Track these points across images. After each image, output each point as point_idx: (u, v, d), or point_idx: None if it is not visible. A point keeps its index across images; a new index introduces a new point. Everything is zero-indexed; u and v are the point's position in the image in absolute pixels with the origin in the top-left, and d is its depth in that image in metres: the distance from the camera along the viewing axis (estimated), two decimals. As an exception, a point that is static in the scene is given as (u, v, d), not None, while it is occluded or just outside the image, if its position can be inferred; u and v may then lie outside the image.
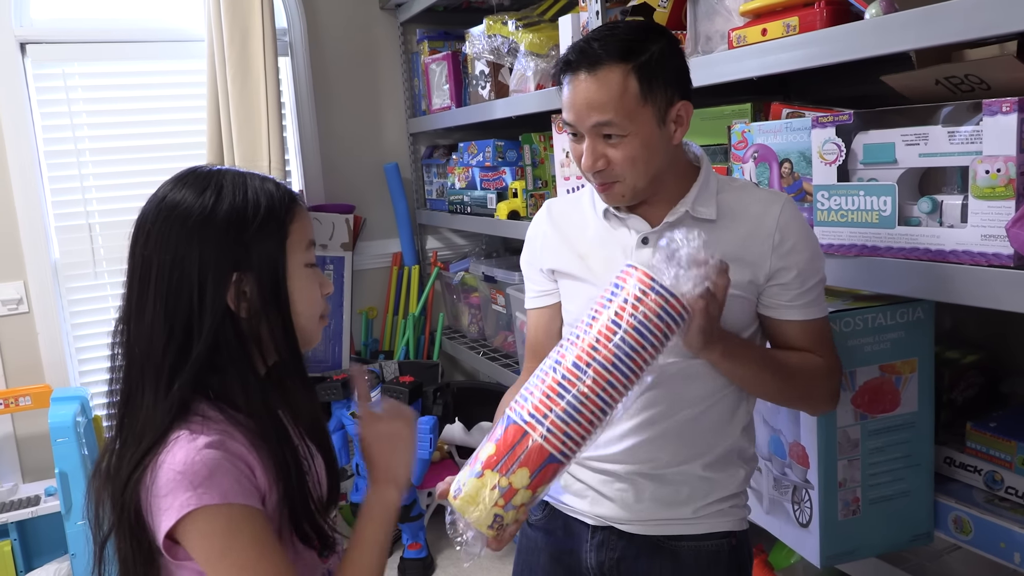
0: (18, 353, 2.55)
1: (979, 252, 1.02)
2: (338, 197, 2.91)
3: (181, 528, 0.79)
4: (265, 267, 0.86)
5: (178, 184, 0.87)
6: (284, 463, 0.86)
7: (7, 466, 2.54)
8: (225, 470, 0.80)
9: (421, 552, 2.49)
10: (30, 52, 2.49)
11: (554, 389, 0.92)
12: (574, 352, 0.93)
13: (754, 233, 1.05)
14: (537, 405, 0.93)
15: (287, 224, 0.89)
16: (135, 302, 0.85)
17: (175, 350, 0.83)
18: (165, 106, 2.69)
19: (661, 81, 1.01)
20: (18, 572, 2.36)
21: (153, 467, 0.80)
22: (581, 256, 1.13)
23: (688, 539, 1.11)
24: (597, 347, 0.91)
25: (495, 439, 0.94)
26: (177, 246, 0.83)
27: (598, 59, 0.99)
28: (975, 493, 1.26)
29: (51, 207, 2.57)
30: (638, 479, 1.10)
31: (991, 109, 0.98)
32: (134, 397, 0.85)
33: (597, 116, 1.00)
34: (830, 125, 1.20)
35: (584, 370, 0.91)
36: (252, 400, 0.86)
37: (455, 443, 2.76)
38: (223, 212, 0.84)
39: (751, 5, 1.35)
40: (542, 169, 2.35)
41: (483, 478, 0.92)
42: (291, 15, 2.77)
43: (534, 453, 0.91)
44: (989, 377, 1.51)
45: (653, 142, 1.02)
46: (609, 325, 0.91)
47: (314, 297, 0.92)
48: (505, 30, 2.23)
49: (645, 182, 1.04)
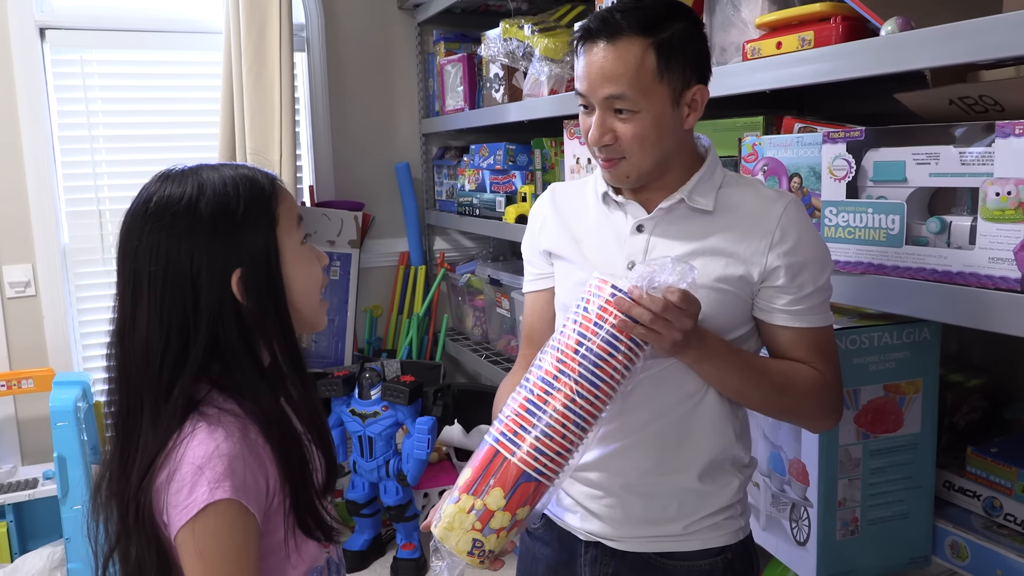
0: (23, 336, 2.56)
1: (986, 274, 1.01)
2: (348, 194, 2.92)
3: (187, 527, 0.78)
4: (259, 257, 0.85)
5: (156, 190, 0.86)
6: (288, 452, 0.86)
7: (7, 448, 2.55)
8: (240, 466, 0.79)
9: (415, 552, 2.49)
10: (49, 37, 2.51)
11: (524, 407, 0.91)
12: (544, 367, 0.91)
13: (752, 229, 1.02)
14: (508, 423, 0.91)
15: (274, 208, 0.88)
16: (128, 317, 0.84)
17: (172, 360, 0.82)
18: (180, 96, 2.70)
19: (680, 60, 0.98)
20: (12, 554, 2.37)
21: (169, 463, 0.79)
22: (576, 239, 1.11)
23: (679, 556, 1.07)
24: (564, 359, 0.89)
25: (472, 463, 0.93)
26: (168, 254, 0.82)
27: (618, 29, 0.97)
28: (973, 518, 1.25)
29: (63, 192, 2.59)
30: (624, 494, 1.07)
31: (1004, 131, 0.98)
32: (134, 412, 0.83)
33: (610, 88, 0.97)
34: (841, 141, 1.19)
35: (553, 384, 0.90)
36: (258, 389, 0.85)
37: (453, 445, 2.76)
38: (208, 211, 0.83)
39: (767, 18, 1.34)
40: (552, 174, 2.35)
41: (460, 502, 0.91)
42: (309, 11, 2.78)
43: (507, 472, 0.89)
44: (992, 402, 1.49)
45: (664, 122, 0.99)
46: (576, 338, 0.90)
47: (314, 273, 0.92)
48: (521, 34, 2.24)
49: (651, 163, 1.02)
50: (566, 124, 2.09)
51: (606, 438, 1.06)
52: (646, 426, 1.05)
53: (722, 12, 1.48)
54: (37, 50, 2.47)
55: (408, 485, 2.42)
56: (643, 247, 1.05)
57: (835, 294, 1.15)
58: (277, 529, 0.85)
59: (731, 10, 1.47)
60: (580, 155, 2.06)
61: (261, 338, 0.87)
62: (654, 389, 1.04)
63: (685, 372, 1.03)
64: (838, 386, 1.06)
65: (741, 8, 1.46)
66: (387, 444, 2.46)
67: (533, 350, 1.16)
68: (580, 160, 2.07)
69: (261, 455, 0.84)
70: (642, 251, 1.05)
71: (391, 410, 2.46)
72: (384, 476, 2.45)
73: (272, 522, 0.85)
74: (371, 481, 2.49)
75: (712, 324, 1.00)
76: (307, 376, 0.92)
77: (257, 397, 0.85)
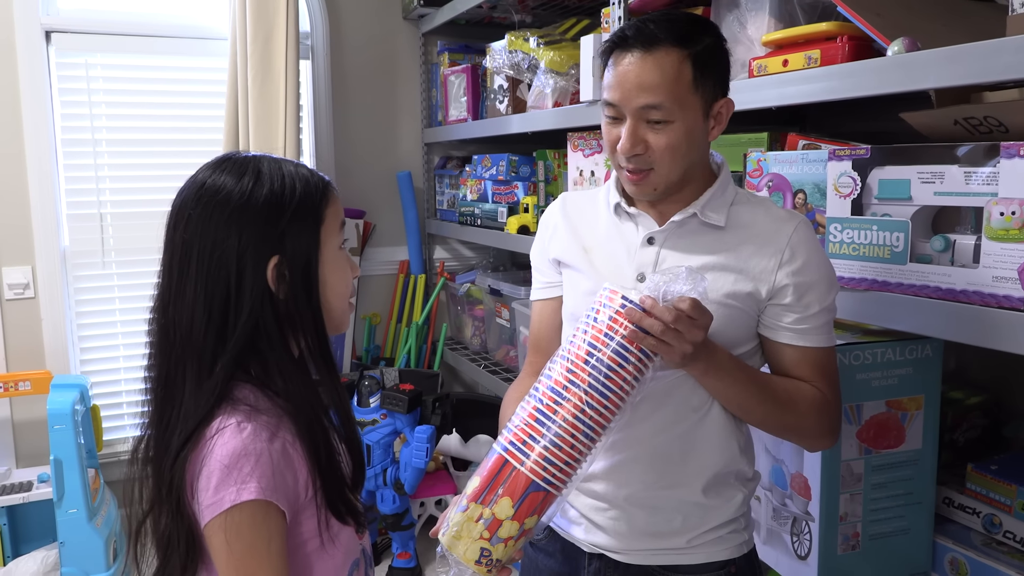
0: (21, 338, 2.55)
1: (989, 293, 1.03)
2: (349, 202, 2.92)
3: (217, 519, 0.80)
4: (300, 251, 0.88)
5: (216, 169, 0.89)
6: (316, 444, 0.87)
7: (2, 450, 2.54)
8: (267, 465, 0.81)
9: (410, 562, 2.48)
10: (55, 40, 2.51)
11: (534, 416, 0.91)
12: (553, 377, 0.91)
13: (763, 247, 1.02)
14: (518, 433, 0.91)
15: (322, 209, 0.90)
16: (175, 286, 0.87)
17: (214, 333, 0.84)
18: (184, 102, 2.71)
19: (712, 73, 1.00)
20: (5, 557, 2.35)
21: (200, 455, 0.81)
22: (586, 249, 1.12)
23: (683, 570, 1.07)
24: (574, 369, 0.90)
25: (481, 472, 0.94)
26: (216, 231, 0.85)
27: (655, 40, 0.97)
28: (973, 535, 1.25)
29: (64, 195, 2.58)
30: (628, 506, 1.07)
31: (1009, 152, 0.99)
32: (174, 379, 0.86)
33: (647, 98, 0.97)
34: (847, 158, 1.21)
35: (563, 394, 0.90)
36: (289, 382, 0.87)
37: (451, 454, 2.75)
38: (262, 198, 0.86)
39: (773, 36, 1.36)
40: (555, 186, 2.36)
41: (468, 511, 0.92)
42: (315, 19, 2.80)
43: (516, 481, 0.90)
44: (992, 420, 1.50)
45: (695, 134, 1.00)
46: (587, 348, 0.90)
47: (346, 279, 0.94)
48: (526, 46, 2.25)
49: (678, 175, 1.02)
50: (570, 136, 2.10)
51: (611, 450, 1.06)
52: (651, 439, 1.05)
53: (729, 29, 1.50)
54: (42, 53, 2.48)
55: (405, 494, 2.42)
56: (653, 259, 1.06)
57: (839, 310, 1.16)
58: (311, 520, 0.87)
59: (738, 27, 1.49)
60: (583, 167, 2.08)
61: (293, 331, 0.89)
62: (659, 402, 1.04)
63: (691, 386, 1.03)
64: (838, 407, 1.07)
65: (748, 25, 1.47)
66: (385, 452, 2.46)
67: (540, 358, 1.16)
68: (583, 172, 2.08)
69: (290, 453, 0.85)
70: (652, 263, 1.06)
71: (390, 418, 2.46)
72: (381, 484, 2.44)
73: (305, 513, 0.87)
74: (368, 489, 2.48)
75: (719, 339, 1.00)
76: (335, 373, 0.94)
77: (289, 389, 0.87)
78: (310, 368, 0.91)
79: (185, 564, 0.85)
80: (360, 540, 0.97)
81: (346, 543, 0.92)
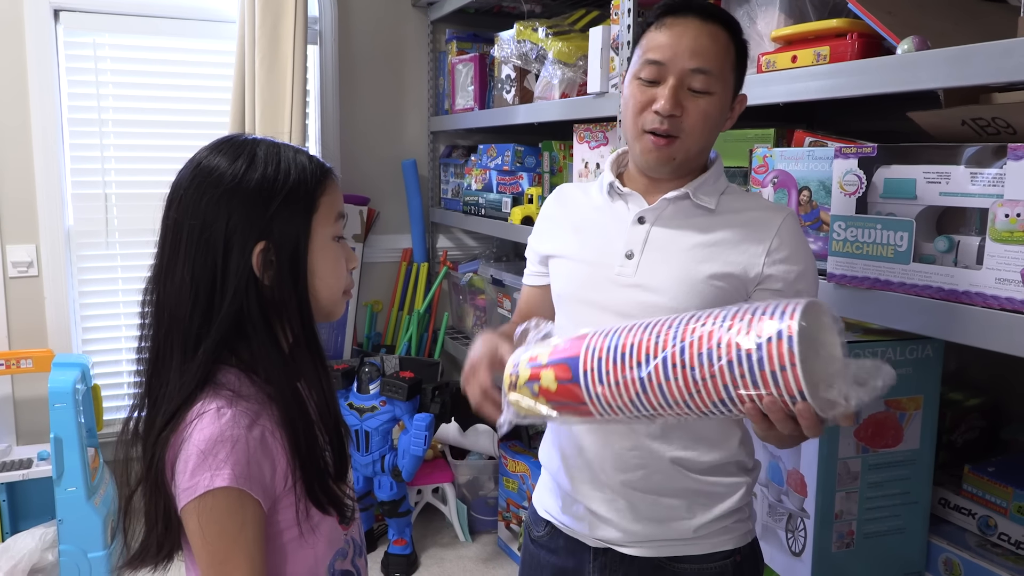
0: (24, 316, 2.56)
1: (992, 295, 1.02)
2: (354, 188, 2.92)
3: (192, 503, 0.80)
4: (288, 238, 0.87)
5: (213, 151, 0.89)
6: (298, 434, 0.87)
7: (2, 427, 2.55)
8: (243, 453, 0.81)
9: (406, 548, 2.49)
10: (63, 19, 2.51)
11: (631, 360, 0.82)
12: (666, 347, 0.80)
13: (751, 233, 1.04)
14: (611, 356, 0.84)
15: (316, 197, 0.90)
16: (165, 265, 0.87)
17: (200, 314, 0.85)
18: (191, 84, 2.71)
19: (743, 66, 1.07)
20: (4, 533, 2.37)
21: (180, 438, 0.82)
22: (576, 229, 1.14)
23: (690, 560, 1.08)
24: (702, 370, 0.78)
25: (557, 355, 0.90)
26: (206, 211, 0.85)
27: (712, 14, 1.02)
28: (968, 536, 1.26)
29: (69, 174, 2.59)
30: (634, 499, 1.08)
31: (1016, 153, 0.99)
32: (163, 358, 0.86)
33: (698, 61, 1.00)
34: (853, 156, 1.20)
35: (669, 369, 0.79)
36: (273, 369, 0.87)
37: (449, 443, 2.76)
38: (253, 181, 0.86)
39: (783, 32, 1.35)
40: (560, 177, 2.36)
41: (533, 351, 0.93)
42: (323, 4, 2.79)
43: (571, 391, 0.87)
44: (990, 422, 1.51)
45: (723, 112, 1.05)
46: (720, 365, 0.77)
47: (339, 270, 0.93)
48: (535, 37, 2.24)
49: (697, 150, 1.06)
50: (576, 128, 2.10)
51: (616, 444, 1.07)
52: (655, 432, 1.06)
53: (738, 24, 1.49)
54: (50, 31, 2.47)
55: (403, 481, 2.43)
56: (643, 237, 1.07)
57: (841, 309, 1.17)
58: (289, 509, 0.87)
59: (747, 22, 1.48)
60: (588, 159, 2.07)
61: (279, 317, 0.89)
62: None
63: None
64: None
65: (757, 21, 1.47)
66: (384, 439, 2.47)
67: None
68: (588, 164, 2.07)
69: (269, 441, 0.85)
70: (642, 241, 1.07)
71: (389, 405, 2.47)
72: (379, 471, 2.45)
73: (283, 503, 0.87)
74: (366, 475, 2.49)
75: None
76: (324, 363, 0.93)
77: (272, 376, 0.87)
78: (302, 357, 0.91)
79: (162, 542, 0.85)
80: (346, 531, 0.96)
81: (328, 533, 0.92)
